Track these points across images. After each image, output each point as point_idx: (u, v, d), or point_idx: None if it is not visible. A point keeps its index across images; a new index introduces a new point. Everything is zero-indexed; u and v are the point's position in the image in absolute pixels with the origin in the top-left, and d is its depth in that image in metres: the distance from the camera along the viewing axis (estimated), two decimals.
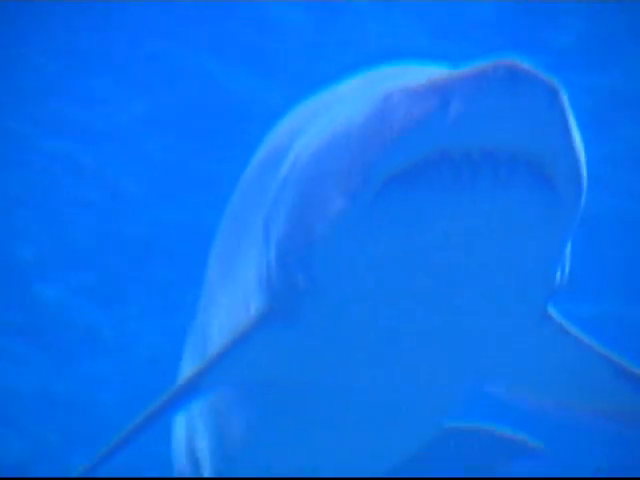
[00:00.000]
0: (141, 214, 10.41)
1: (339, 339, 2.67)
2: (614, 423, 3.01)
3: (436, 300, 2.41)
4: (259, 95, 9.36)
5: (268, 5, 8.60)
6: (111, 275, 10.98)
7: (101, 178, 10.05)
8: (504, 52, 2.16)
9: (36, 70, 9.13)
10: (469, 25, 8.75)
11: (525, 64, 2.08)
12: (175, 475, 4.86)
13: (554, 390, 3.04)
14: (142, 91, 9.38)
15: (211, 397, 3.38)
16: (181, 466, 4.46)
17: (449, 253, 2.24)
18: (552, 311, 2.74)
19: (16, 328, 11.41)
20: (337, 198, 2.34)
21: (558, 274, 2.46)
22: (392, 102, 2.26)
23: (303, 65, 9.09)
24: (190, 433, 4.04)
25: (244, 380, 3.00)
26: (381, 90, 2.39)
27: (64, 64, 9.08)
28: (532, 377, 2.98)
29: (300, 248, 2.53)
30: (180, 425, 4.28)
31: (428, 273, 2.31)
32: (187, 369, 4.12)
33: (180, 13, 8.68)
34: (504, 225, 2.17)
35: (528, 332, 2.70)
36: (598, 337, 2.85)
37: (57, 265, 10.93)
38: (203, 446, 3.73)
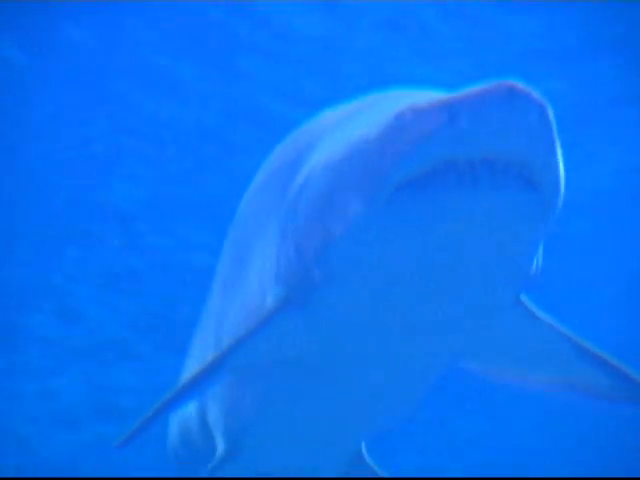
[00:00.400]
0: None
1: (347, 322, 3.04)
2: (571, 394, 3.44)
3: (436, 287, 2.75)
4: None
5: None
6: None
7: None
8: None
9: None
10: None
11: (522, 85, 2.40)
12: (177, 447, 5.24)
13: (521, 365, 3.46)
14: None
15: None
16: (188, 438, 4.83)
17: (451, 247, 2.57)
18: (524, 297, 3.14)
19: None
20: (355, 201, 2.65)
21: (534, 265, 2.85)
22: (405, 118, 2.56)
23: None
24: (201, 405, 4.38)
25: (262, 359, 3.34)
26: (393, 108, 2.68)
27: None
28: (503, 354, 3.39)
29: (318, 244, 2.83)
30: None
31: (432, 264, 2.64)
32: (200, 352, 4.52)
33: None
34: (499, 222, 2.51)
35: (504, 315, 3.10)
36: None
37: None
38: (216, 417, 4.12)
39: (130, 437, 3.24)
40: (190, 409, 4.64)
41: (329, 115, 3.52)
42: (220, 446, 4.14)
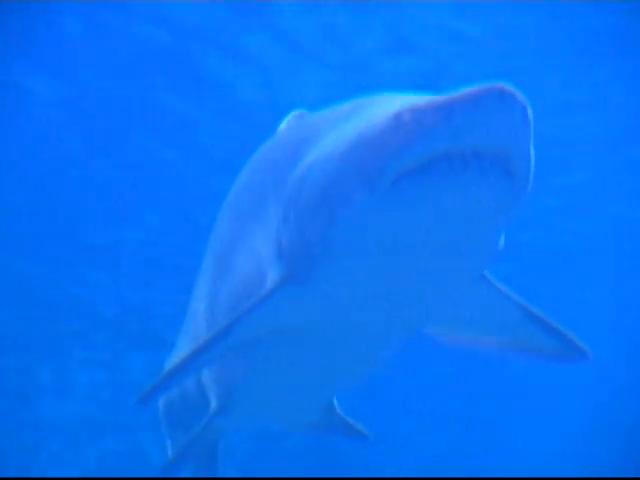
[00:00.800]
0: None
1: (342, 295, 3.45)
2: (521, 355, 3.99)
3: (427, 262, 3.16)
4: None
5: None
6: None
7: None
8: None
9: None
10: None
11: (510, 87, 2.78)
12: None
13: (479, 330, 3.98)
14: None
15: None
16: (182, 396, 5.23)
17: (444, 227, 2.99)
18: (487, 271, 3.65)
19: None
20: (359, 187, 2.99)
21: (500, 243, 3.33)
22: (407, 115, 2.91)
23: None
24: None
25: (261, 329, 3.71)
26: (389, 108, 3.06)
27: None
28: (465, 321, 3.90)
29: (323, 225, 3.16)
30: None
31: (426, 242, 3.05)
32: (195, 327, 4.90)
33: None
34: (483, 203, 2.93)
35: (471, 287, 3.61)
36: None
37: None
38: (210, 376, 4.57)
39: (147, 396, 3.70)
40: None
41: (318, 114, 3.92)
42: (213, 402, 4.56)
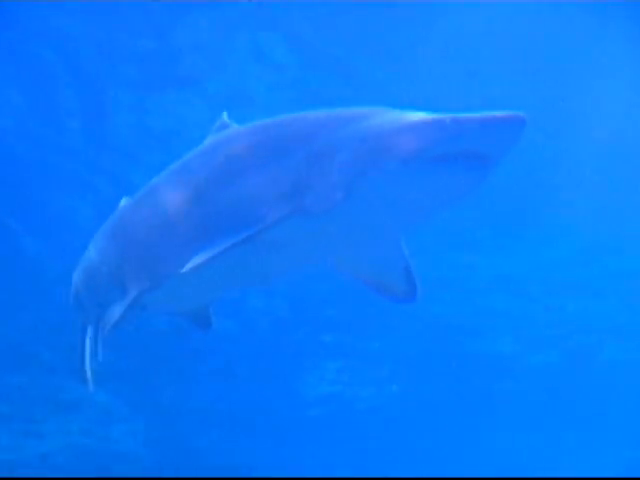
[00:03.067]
0: None
1: (333, 230, 4.62)
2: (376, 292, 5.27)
3: (403, 219, 4.68)
4: None
5: None
6: None
7: None
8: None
9: None
10: None
11: (523, 115, 4.12)
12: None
13: (371, 272, 5.20)
14: None
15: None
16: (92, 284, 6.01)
17: (436, 199, 4.42)
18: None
19: None
20: (395, 159, 4.24)
21: None
22: (447, 120, 4.20)
23: None
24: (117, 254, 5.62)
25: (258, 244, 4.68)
26: (417, 114, 4.41)
27: None
28: (369, 265, 5.16)
29: (351, 177, 4.33)
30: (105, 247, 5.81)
31: (418, 206, 4.47)
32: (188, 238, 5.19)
33: None
34: (468, 191, 4.37)
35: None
36: None
37: None
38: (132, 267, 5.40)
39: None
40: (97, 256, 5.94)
41: (326, 112, 4.89)
42: (143, 281, 5.27)
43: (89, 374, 6.36)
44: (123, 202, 6.21)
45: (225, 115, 5.60)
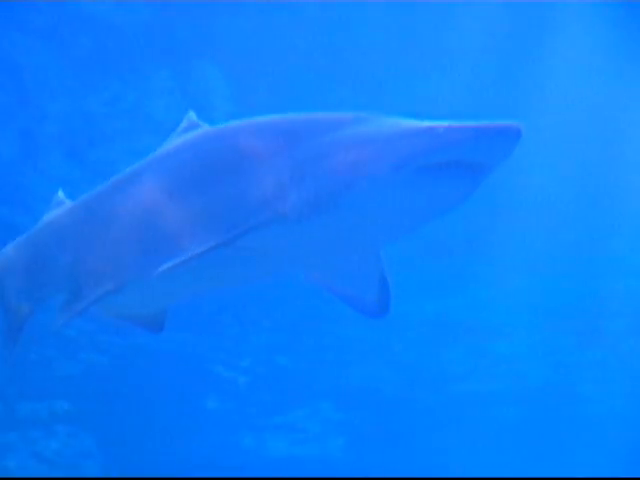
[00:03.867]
0: None
1: (315, 237, 4.39)
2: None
3: (389, 229, 4.44)
4: None
5: None
6: None
7: None
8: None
9: None
10: None
11: (519, 125, 3.94)
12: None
13: (341, 280, 4.94)
14: None
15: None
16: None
17: (426, 210, 4.22)
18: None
19: None
20: (387, 167, 4.03)
21: None
22: (440, 129, 4.00)
23: None
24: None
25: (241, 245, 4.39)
26: (408, 122, 4.22)
27: None
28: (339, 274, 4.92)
29: (339, 186, 4.11)
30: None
31: (406, 215, 4.27)
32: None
33: None
34: (458, 201, 4.17)
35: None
36: None
37: None
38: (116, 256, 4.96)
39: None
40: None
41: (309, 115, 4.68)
42: (92, 287, 4.96)
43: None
44: (60, 195, 5.89)
45: (193, 114, 5.30)
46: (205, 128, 5.11)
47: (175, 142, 5.08)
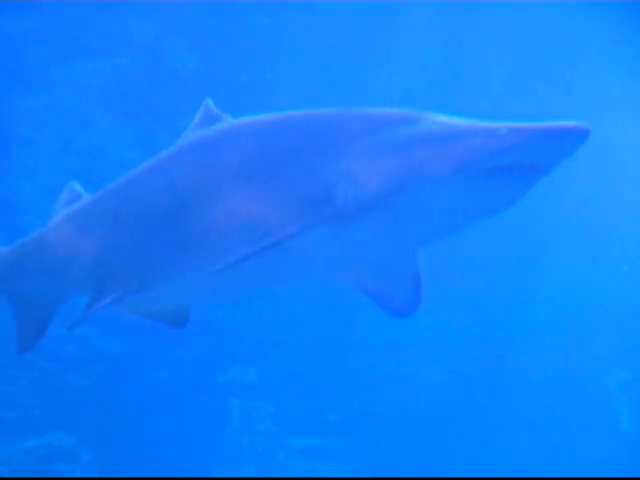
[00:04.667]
0: None
1: (361, 238, 4.27)
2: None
3: (439, 232, 4.37)
4: None
5: None
6: None
7: None
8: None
9: None
10: None
11: (586, 126, 3.76)
12: None
13: (373, 280, 4.80)
14: None
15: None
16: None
17: (481, 211, 4.12)
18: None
19: None
20: (447, 169, 3.87)
21: None
22: (504, 131, 3.85)
23: None
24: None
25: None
26: (466, 123, 4.05)
27: None
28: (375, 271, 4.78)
29: (390, 187, 3.95)
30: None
31: (461, 218, 4.19)
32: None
33: None
34: (516, 196, 4.02)
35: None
36: None
37: None
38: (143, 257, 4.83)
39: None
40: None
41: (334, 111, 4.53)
42: (115, 284, 4.79)
43: None
44: (75, 185, 5.66)
45: (211, 103, 5.01)
46: (230, 120, 4.87)
47: (203, 133, 4.84)
